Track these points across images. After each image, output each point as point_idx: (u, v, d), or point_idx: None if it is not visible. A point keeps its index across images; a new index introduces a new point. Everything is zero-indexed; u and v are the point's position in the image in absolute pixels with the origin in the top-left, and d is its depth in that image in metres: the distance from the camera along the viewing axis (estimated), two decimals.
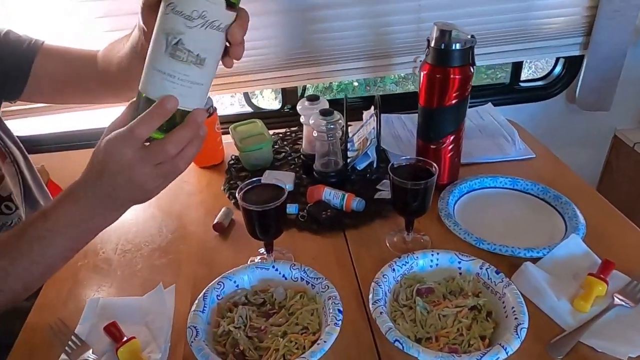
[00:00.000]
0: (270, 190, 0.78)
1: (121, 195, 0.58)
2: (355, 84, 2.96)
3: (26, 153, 0.98)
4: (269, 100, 2.69)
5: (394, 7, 1.32)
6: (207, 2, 0.54)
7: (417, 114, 0.97)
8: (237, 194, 0.77)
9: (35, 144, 1.42)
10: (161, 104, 0.55)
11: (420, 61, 1.41)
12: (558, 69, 1.55)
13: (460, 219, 0.91)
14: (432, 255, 0.77)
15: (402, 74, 2.68)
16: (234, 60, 0.61)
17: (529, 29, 1.41)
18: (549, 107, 1.57)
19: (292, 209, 0.94)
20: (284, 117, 1.48)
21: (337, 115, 0.95)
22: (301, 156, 1.08)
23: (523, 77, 1.58)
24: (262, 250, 0.86)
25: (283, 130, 1.28)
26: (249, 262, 0.84)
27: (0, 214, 0.86)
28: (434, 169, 0.79)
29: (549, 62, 1.65)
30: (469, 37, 0.86)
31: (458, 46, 0.86)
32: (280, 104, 1.51)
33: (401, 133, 1.21)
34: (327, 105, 1.00)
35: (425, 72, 0.91)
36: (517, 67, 1.55)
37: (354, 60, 1.39)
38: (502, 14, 1.38)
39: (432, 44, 0.88)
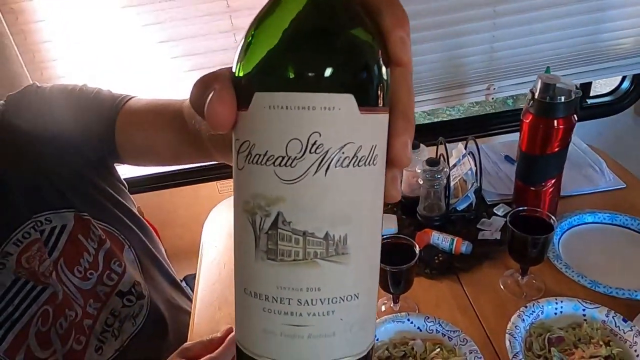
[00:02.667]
0: (400, 247, 0.84)
1: None
2: None
3: (145, 225, 0.96)
4: None
5: (468, 39, 1.37)
6: None
7: (491, 139, 1.01)
8: None
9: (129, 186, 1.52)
10: None
11: (494, 89, 1.47)
12: (626, 84, 1.57)
13: (566, 258, 0.96)
14: (557, 303, 0.83)
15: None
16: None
17: (599, 50, 1.44)
18: (616, 122, 1.60)
19: None
20: None
21: (442, 164, 1.00)
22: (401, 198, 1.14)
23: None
24: (384, 300, 0.92)
25: None
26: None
27: (123, 307, 0.87)
28: (552, 221, 0.85)
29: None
30: (575, 88, 0.91)
31: (563, 99, 0.91)
32: None
33: (486, 165, 1.26)
34: (426, 153, 1.06)
35: (527, 121, 0.95)
36: (585, 84, 1.58)
37: (427, 93, 1.44)
38: (573, 37, 1.41)
39: (536, 96, 0.93)
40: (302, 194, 0.25)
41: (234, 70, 0.28)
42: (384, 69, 0.27)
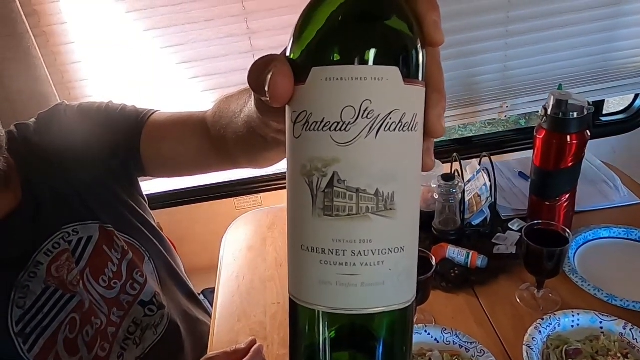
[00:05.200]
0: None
1: None
2: None
3: (164, 239, 0.99)
4: None
5: (481, 58, 1.40)
6: None
7: (504, 156, 1.03)
8: None
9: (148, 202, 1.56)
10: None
11: (508, 107, 1.49)
12: (639, 102, 1.59)
13: (582, 272, 0.97)
14: (574, 315, 0.83)
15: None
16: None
17: (611, 68, 1.46)
18: (630, 139, 1.61)
19: None
20: None
21: (457, 179, 1.02)
22: None
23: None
24: None
25: None
26: None
27: (144, 316, 0.90)
28: (567, 234, 0.86)
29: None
30: (587, 104, 0.93)
31: (575, 115, 0.92)
32: None
33: (500, 181, 1.27)
34: (442, 169, 1.08)
35: (541, 136, 0.97)
36: (598, 102, 1.59)
37: None
38: (585, 56, 1.43)
39: (549, 112, 0.95)
40: (355, 154, 0.29)
41: (287, 53, 0.32)
42: (421, 48, 0.31)
